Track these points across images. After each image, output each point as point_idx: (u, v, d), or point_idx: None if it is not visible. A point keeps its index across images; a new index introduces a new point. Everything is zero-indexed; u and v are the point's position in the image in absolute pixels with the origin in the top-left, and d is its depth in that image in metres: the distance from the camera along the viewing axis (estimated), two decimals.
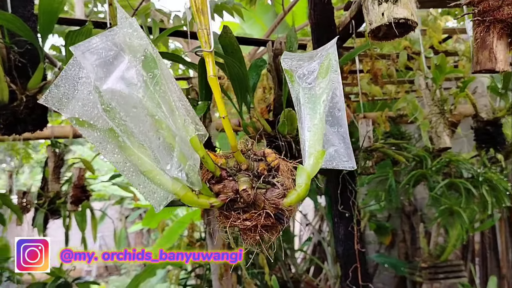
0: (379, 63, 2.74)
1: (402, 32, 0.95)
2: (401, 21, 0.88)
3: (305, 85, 0.65)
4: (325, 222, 5.40)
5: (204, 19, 0.61)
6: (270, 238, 0.61)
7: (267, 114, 2.06)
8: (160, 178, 0.59)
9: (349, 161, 0.64)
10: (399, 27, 0.91)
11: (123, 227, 9.00)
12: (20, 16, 1.62)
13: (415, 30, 0.93)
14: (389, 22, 0.88)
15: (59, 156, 2.71)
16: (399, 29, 0.92)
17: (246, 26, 5.13)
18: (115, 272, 9.50)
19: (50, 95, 0.59)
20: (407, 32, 0.95)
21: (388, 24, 0.89)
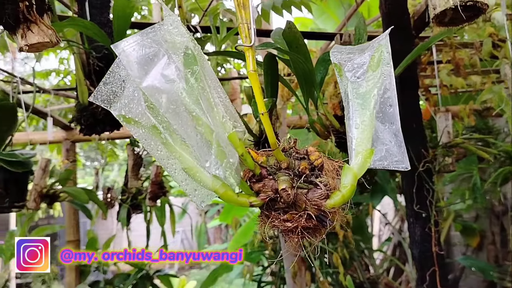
0: (460, 53, 2.54)
1: (471, 16, 0.85)
2: (469, 3, 0.79)
3: (354, 79, 0.61)
4: (405, 222, 5.17)
5: (245, 14, 0.59)
6: (312, 241, 0.57)
7: (339, 110, 2.00)
8: (200, 176, 0.58)
9: (402, 161, 0.59)
10: (467, 10, 0.82)
11: (202, 222, 9.31)
12: (97, 23, 1.72)
13: (485, 13, 0.83)
14: (455, 6, 0.80)
15: (138, 154, 2.85)
16: (467, 13, 0.83)
17: (319, 21, 5.04)
18: (196, 265, 9.86)
19: (99, 92, 0.61)
20: (476, 16, 0.85)
21: (454, 8, 0.81)
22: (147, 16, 3.72)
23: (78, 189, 2.68)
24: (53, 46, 1.12)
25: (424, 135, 1.90)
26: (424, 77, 2.87)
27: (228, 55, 2.84)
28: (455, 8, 0.81)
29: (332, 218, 0.57)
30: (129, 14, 1.74)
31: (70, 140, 3.44)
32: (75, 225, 3.47)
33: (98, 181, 3.40)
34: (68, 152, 3.42)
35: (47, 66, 11.72)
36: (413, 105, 1.86)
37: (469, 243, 4.58)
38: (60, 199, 2.50)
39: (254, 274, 3.90)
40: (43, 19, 1.10)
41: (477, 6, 0.81)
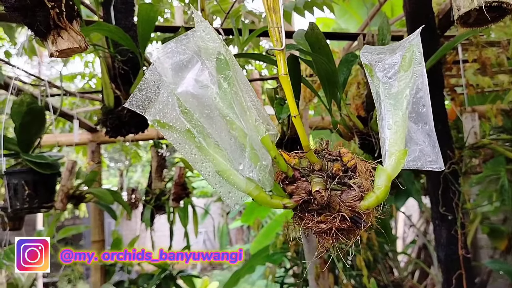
0: (487, 51, 2.49)
1: (496, 17, 0.84)
2: (494, 4, 0.78)
3: (386, 80, 0.61)
4: (431, 224, 5.08)
5: (276, 18, 0.60)
6: (346, 243, 0.58)
7: (363, 111, 1.98)
8: (234, 178, 0.59)
9: (436, 162, 0.58)
10: (492, 11, 0.80)
11: (224, 223, 9.35)
12: (122, 27, 1.75)
13: (511, 13, 0.82)
14: (479, 7, 0.78)
15: (162, 156, 2.89)
16: (492, 14, 0.81)
17: (341, 21, 5.01)
18: (218, 266, 9.92)
19: (134, 99, 0.63)
20: (502, 17, 0.83)
21: (478, 9, 0.79)
22: (169, 19, 3.77)
23: (103, 190, 2.73)
24: (82, 51, 1.15)
25: (450, 136, 1.87)
26: (449, 76, 2.82)
27: (250, 57, 2.85)
28: (480, 9, 0.79)
29: (366, 220, 0.57)
30: (153, 18, 1.76)
31: (95, 142, 3.50)
32: (100, 225, 3.53)
33: (123, 182, 3.46)
34: (94, 153, 3.48)
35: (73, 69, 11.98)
36: (438, 105, 1.83)
37: (497, 246, 4.48)
38: (86, 200, 2.55)
39: (277, 275, 3.89)
40: (73, 25, 1.13)
41: (503, 7, 0.80)
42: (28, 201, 1.98)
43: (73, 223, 7.58)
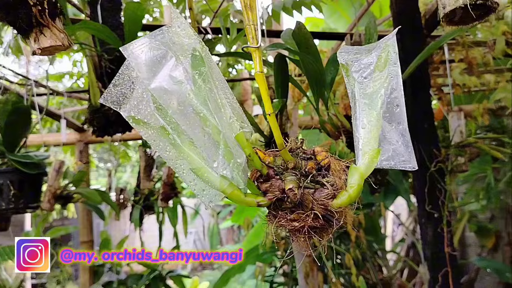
0: (473, 51, 2.51)
1: (481, 15, 0.84)
2: (479, 2, 0.78)
3: (361, 80, 0.61)
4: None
5: (252, 15, 0.60)
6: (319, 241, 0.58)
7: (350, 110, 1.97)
8: (208, 176, 0.59)
9: (409, 161, 0.58)
10: (477, 9, 0.81)
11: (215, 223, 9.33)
12: (109, 26, 1.74)
13: (496, 11, 0.82)
14: (464, 5, 0.79)
15: (150, 155, 2.88)
16: (477, 12, 0.82)
17: (330, 21, 5.02)
18: (208, 266, 9.89)
19: (108, 94, 0.62)
20: (487, 15, 0.84)
21: (463, 7, 0.80)
22: (158, 18, 3.75)
23: (91, 190, 2.71)
24: (65, 49, 1.14)
25: (436, 135, 1.88)
26: (436, 76, 2.84)
27: (239, 56, 2.85)
28: (465, 7, 0.80)
29: (339, 218, 0.57)
30: (140, 16, 1.75)
31: (83, 141, 3.48)
32: (89, 226, 3.51)
33: (111, 182, 3.44)
34: (82, 153, 3.46)
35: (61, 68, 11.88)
36: (425, 104, 1.84)
37: (484, 244, 4.52)
38: (73, 200, 2.53)
39: (266, 275, 3.89)
40: (55, 23, 1.12)
41: (487, 5, 0.81)
42: (13, 201, 1.96)
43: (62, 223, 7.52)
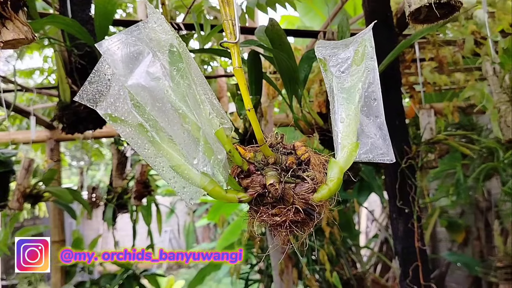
0: (443, 50, 2.58)
1: (445, 14, 0.87)
2: (443, 1, 0.81)
3: (339, 74, 0.62)
4: None
5: (230, 10, 0.59)
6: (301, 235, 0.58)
7: (325, 108, 2.01)
8: (189, 173, 0.58)
9: (387, 154, 0.60)
10: (441, 8, 0.83)
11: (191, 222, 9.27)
12: (79, 20, 1.70)
13: (459, 10, 0.85)
14: (429, 3, 0.81)
15: (123, 153, 2.84)
16: (441, 11, 0.84)
17: (306, 19, 5.05)
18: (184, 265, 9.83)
19: (84, 92, 0.61)
20: (451, 14, 0.87)
21: (428, 5, 0.82)
22: (132, 14, 3.69)
23: (62, 189, 2.66)
24: (29, 42, 1.10)
25: (407, 132, 1.92)
26: (408, 74, 2.90)
27: (213, 53, 2.83)
28: (430, 5, 0.82)
29: (319, 212, 0.57)
30: (111, 11, 1.72)
31: (54, 139, 3.40)
32: (60, 225, 3.43)
33: (83, 181, 3.37)
34: (52, 151, 3.38)
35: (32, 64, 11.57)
36: (396, 102, 1.88)
37: (455, 239, 4.65)
38: (43, 199, 2.47)
39: (242, 272, 3.90)
40: (18, 16, 1.09)
41: (451, 4, 0.83)
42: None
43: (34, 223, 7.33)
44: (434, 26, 1.02)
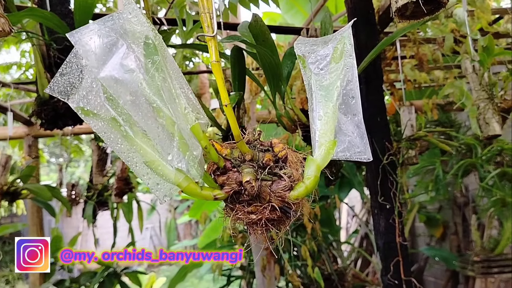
0: (424, 48, 2.60)
1: (432, 10, 0.87)
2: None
3: (317, 71, 0.61)
4: None
5: (207, 3, 0.58)
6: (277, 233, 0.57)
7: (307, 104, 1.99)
8: (163, 169, 0.57)
9: (364, 152, 0.59)
10: (427, 4, 0.84)
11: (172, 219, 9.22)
12: (58, 14, 1.65)
13: (445, 6, 0.85)
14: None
15: (103, 149, 2.79)
16: (428, 6, 0.84)
17: (288, 16, 5.05)
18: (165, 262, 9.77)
19: (55, 84, 0.59)
20: (437, 10, 0.87)
21: (415, 2, 0.82)
22: (112, 8, 3.64)
23: (40, 186, 2.60)
24: (6, 35, 1.07)
25: (388, 129, 1.94)
26: (389, 72, 2.92)
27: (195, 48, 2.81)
28: (416, 1, 0.82)
29: (296, 209, 0.57)
30: (90, 4, 1.68)
31: (32, 135, 3.33)
32: (39, 223, 3.36)
33: (62, 178, 3.30)
34: (30, 148, 3.31)
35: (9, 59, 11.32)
36: (377, 99, 1.89)
37: (433, 234, 4.72)
38: (21, 196, 2.42)
39: (224, 269, 3.89)
40: None
41: (437, 0, 0.83)
42: None
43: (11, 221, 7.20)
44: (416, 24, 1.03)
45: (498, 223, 3.11)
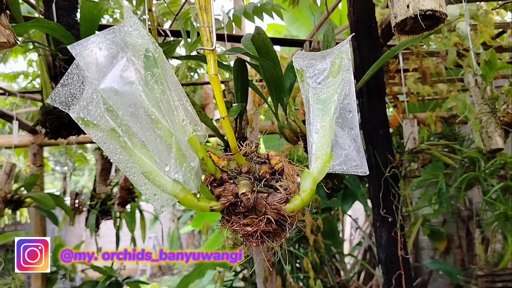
0: (427, 61, 2.61)
1: (430, 25, 0.88)
2: (428, 13, 0.82)
3: (315, 85, 0.62)
4: None
5: (207, 17, 0.59)
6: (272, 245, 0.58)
7: None
8: (160, 180, 0.57)
9: (360, 166, 0.59)
10: (426, 19, 0.84)
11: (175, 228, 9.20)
12: (64, 25, 1.68)
13: (444, 22, 0.86)
14: (414, 15, 0.82)
15: (106, 159, 2.81)
16: (426, 22, 0.85)
17: (293, 28, 5.09)
18: (168, 272, 9.74)
19: (56, 94, 0.60)
20: (436, 25, 0.88)
21: (414, 17, 0.83)
22: (119, 19, 3.68)
23: (44, 194, 2.62)
24: (11, 46, 1.09)
25: (391, 141, 1.94)
26: (392, 84, 2.93)
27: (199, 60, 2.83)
28: (415, 17, 0.83)
29: (291, 222, 0.57)
30: (97, 16, 1.70)
31: (37, 144, 3.35)
32: (42, 231, 3.37)
33: (66, 186, 3.32)
34: (35, 156, 3.33)
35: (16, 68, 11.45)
36: (380, 111, 1.89)
37: (437, 247, 4.68)
38: (25, 204, 2.43)
39: (226, 279, 3.87)
40: (0, 19, 1.07)
41: (436, 16, 0.84)
42: None
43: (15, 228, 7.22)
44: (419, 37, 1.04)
45: (502, 237, 3.08)
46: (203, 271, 4.33)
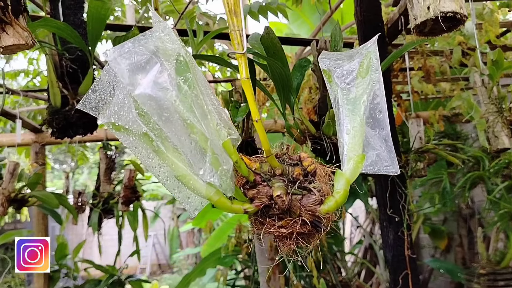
0: (431, 60, 2.62)
1: (450, 27, 0.88)
2: (449, 14, 0.82)
3: (344, 86, 0.62)
4: (376, 225, 5.27)
5: (237, 20, 0.59)
6: (307, 246, 0.58)
7: (314, 115, 2.02)
8: (194, 183, 0.58)
9: (392, 166, 0.60)
10: (447, 21, 0.85)
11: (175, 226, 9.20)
12: (71, 24, 1.67)
13: (464, 24, 0.86)
14: (435, 17, 0.82)
15: (111, 158, 2.80)
16: (447, 24, 0.86)
17: (294, 26, 5.08)
18: (168, 270, 9.74)
19: (87, 100, 0.60)
20: (455, 27, 0.88)
21: (434, 19, 0.83)
22: (120, 17, 3.67)
23: (47, 193, 2.61)
24: (28, 48, 1.09)
25: (397, 141, 1.94)
26: (396, 83, 2.93)
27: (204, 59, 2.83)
28: (436, 18, 0.83)
29: (326, 224, 0.57)
30: (104, 15, 1.70)
31: (40, 142, 3.34)
32: (44, 230, 3.37)
33: (69, 185, 3.31)
34: (37, 155, 3.32)
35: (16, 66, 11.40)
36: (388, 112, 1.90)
37: (438, 245, 4.70)
38: (28, 203, 2.43)
39: (228, 278, 3.88)
40: (19, 21, 1.07)
41: (456, 17, 0.84)
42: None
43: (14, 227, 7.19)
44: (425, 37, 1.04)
45: (505, 236, 3.10)
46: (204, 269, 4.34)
